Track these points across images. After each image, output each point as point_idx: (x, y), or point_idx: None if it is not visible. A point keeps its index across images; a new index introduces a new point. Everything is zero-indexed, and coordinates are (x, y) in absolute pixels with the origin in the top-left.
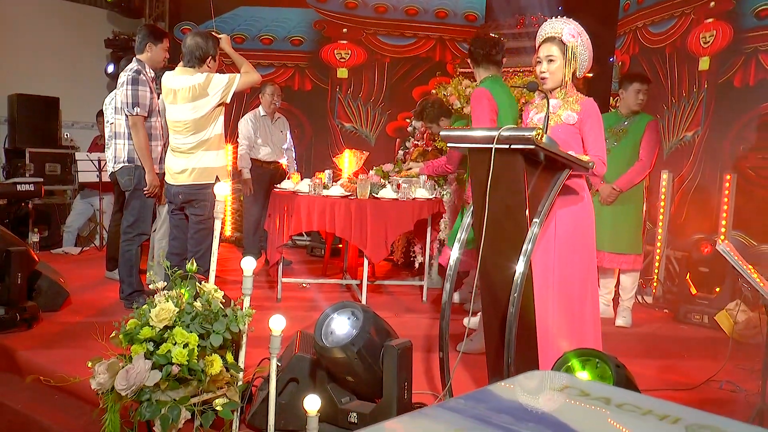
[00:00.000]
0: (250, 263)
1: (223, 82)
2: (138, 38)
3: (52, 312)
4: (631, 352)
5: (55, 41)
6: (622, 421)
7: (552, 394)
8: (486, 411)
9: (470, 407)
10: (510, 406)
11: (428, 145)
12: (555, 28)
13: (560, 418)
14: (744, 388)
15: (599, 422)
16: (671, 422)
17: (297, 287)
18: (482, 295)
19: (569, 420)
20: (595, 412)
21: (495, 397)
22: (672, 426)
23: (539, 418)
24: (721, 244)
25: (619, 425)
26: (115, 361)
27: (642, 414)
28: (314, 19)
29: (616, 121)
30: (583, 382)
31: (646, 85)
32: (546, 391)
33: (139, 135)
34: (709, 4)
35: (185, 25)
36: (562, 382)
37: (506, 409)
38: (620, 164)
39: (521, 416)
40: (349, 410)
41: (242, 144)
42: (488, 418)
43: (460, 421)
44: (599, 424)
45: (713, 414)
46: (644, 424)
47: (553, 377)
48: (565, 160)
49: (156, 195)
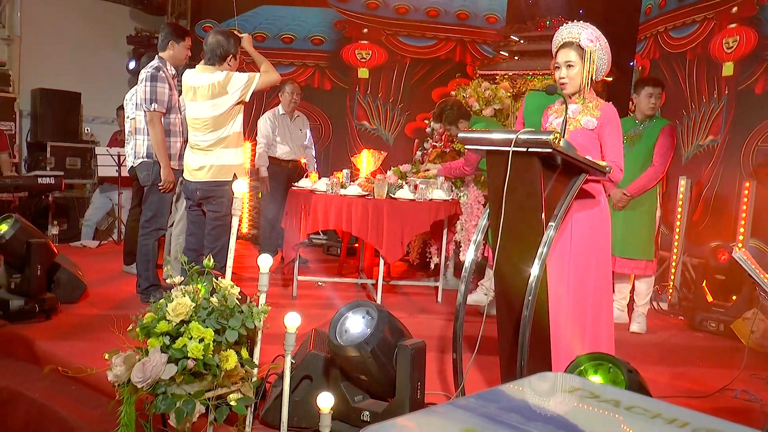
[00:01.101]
0: (267, 260)
1: (243, 80)
2: (161, 36)
3: (70, 304)
4: (644, 358)
5: (78, 37)
6: (630, 424)
7: (562, 396)
8: (496, 410)
9: (480, 406)
10: (520, 405)
11: (446, 147)
12: (572, 33)
13: (569, 419)
14: (759, 398)
15: (608, 424)
16: (679, 426)
17: (312, 285)
18: (497, 297)
19: (578, 421)
20: (604, 414)
21: (505, 396)
22: (680, 430)
23: (548, 419)
24: (738, 251)
25: (628, 428)
26: (131, 353)
27: (651, 417)
28: (335, 18)
29: (631, 126)
30: (593, 384)
31: (658, 89)
32: (556, 393)
33: (156, 130)
34: (732, 10)
35: (207, 22)
36: (572, 384)
37: (516, 409)
38: (633, 169)
39: (530, 416)
40: (362, 409)
41: (260, 142)
42: (498, 416)
43: (470, 419)
44: (608, 426)
45: (722, 419)
46: (652, 427)
47: (563, 379)
48: (582, 164)
49: (170, 190)
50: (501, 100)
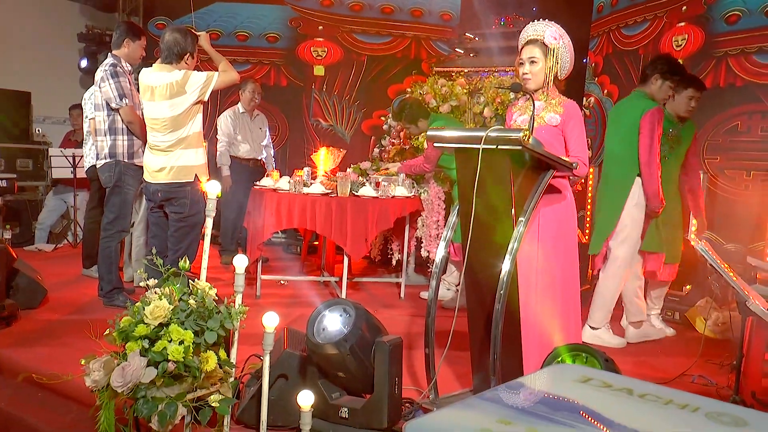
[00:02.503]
0: (243, 261)
1: (201, 80)
2: (116, 34)
3: (30, 309)
4: (606, 347)
5: (27, 35)
6: (648, 411)
7: (578, 386)
8: (522, 401)
9: (507, 397)
10: (542, 396)
11: (405, 144)
12: (537, 30)
13: (591, 407)
14: (715, 382)
15: (627, 410)
16: (692, 410)
17: (275, 284)
18: (467, 293)
19: (601, 410)
20: (621, 401)
21: (526, 388)
22: (693, 414)
23: (572, 408)
24: (700, 243)
25: (648, 414)
26: (110, 358)
27: (664, 404)
28: (290, 16)
29: (669, 125)
30: (602, 373)
31: (700, 92)
32: (571, 383)
33: (135, 122)
34: (682, 8)
35: (160, 20)
36: (584, 374)
37: (540, 399)
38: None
39: (555, 406)
40: (340, 405)
41: (222, 140)
42: (526, 407)
43: (501, 411)
44: (628, 412)
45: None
46: (669, 412)
47: (574, 370)
48: (550, 160)
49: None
50: (458, 97)
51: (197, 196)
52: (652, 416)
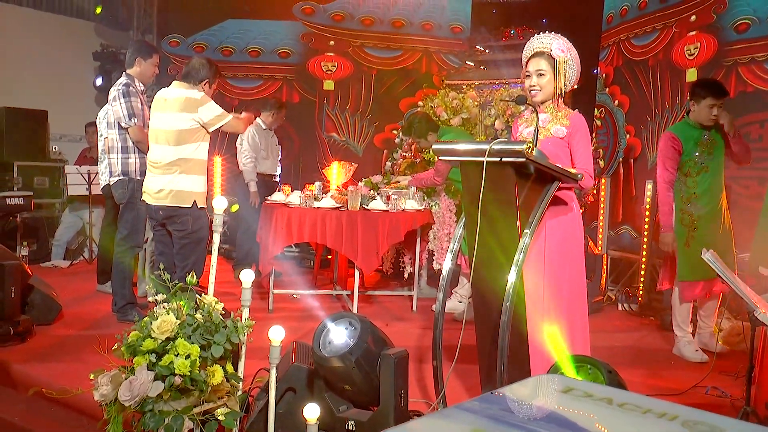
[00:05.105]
0: (249, 275)
1: (217, 111)
2: (128, 53)
3: (45, 325)
4: (618, 359)
5: (43, 54)
6: (625, 420)
7: (559, 396)
8: (500, 411)
9: (485, 408)
10: (521, 406)
11: (416, 157)
12: (543, 43)
13: (569, 418)
14: (729, 394)
15: (604, 420)
16: (669, 419)
17: (288, 298)
18: (474, 305)
19: (577, 419)
20: (599, 411)
21: (507, 398)
22: (670, 422)
23: (549, 418)
24: (707, 252)
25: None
26: (117, 373)
27: (642, 413)
28: (301, 31)
29: (698, 134)
30: (586, 384)
31: (720, 99)
32: (553, 393)
33: (144, 143)
34: (690, 18)
35: (173, 37)
36: (566, 384)
37: (518, 410)
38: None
39: (533, 416)
40: (347, 418)
41: (249, 156)
42: (503, 417)
43: (477, 421)
44: (605, 422)
45: (707, 412)
46: (645, 421)
47: (557, 380)
48: (555, 172)
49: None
50: (468, 110)
51: (198, 213)
52: (629, 425)
